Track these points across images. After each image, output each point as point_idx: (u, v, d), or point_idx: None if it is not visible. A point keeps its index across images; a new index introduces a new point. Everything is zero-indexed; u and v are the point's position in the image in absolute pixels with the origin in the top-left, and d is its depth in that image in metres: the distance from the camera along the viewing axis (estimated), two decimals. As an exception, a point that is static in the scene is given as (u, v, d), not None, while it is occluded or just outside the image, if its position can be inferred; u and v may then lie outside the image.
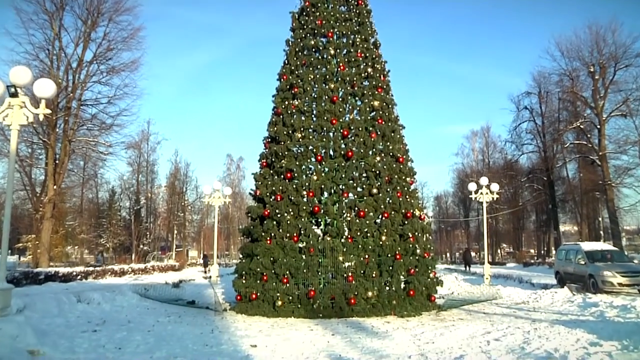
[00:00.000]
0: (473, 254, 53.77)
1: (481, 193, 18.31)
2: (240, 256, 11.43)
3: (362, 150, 10.60)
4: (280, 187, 10.33)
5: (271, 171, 11.04)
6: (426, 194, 63.88)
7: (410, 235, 10.04)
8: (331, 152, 10.73)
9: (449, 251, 64.77)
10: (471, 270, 27.04)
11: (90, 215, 39.19)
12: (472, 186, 18.83)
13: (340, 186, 10.28)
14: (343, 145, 10.63)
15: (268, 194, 10.64)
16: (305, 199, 10.11)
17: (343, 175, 10.32)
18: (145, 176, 42.84)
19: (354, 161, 10.44)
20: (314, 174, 10.30)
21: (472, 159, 53.50)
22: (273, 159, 11.00)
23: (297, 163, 10.49)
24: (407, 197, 10.58)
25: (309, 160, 10.56)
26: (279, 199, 10.24)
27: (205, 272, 29.08)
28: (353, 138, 10.71)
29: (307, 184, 10.12)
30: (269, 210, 10.33)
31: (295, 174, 10.40)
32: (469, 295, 13.19)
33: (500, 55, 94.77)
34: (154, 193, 44.84)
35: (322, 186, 10.18)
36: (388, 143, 10.89)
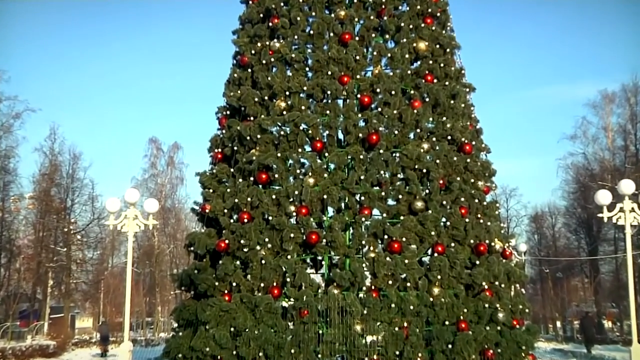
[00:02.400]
0: (607, 323, 53.79)
1: (621, 209, 18.42)
2: (175, 326, 11.63)
3: (396, 132, 10.86)
4: (249, 199, 10.57)
5: (232, 169, 11.29)
6: (515, 211, 64.08)
7: (486, 287, 10.29)
8: (340, 135, 10.99)
9: (559, 317, 64.80)
10: (592, 352, 27.20)
11: None
12: (603, 196, 18.86)
13: (357, 196, 10.52)
14: (362, 123, 10.88)
15: (226, 210, 10.88)
16: (293, 220, 10.34)
17: (362, 177, 10.57)
18: (-6, 179, 43.16)
19: (381, 151, 10.70)
20: (310, 174, 10.55)
21: (603, 145, 53.70)
22: (235, 148, 11.25)
23: (279, 155, 10.74)
24: (479, 215, 10.84)
25: (299, 150, 10.81)
26: (246, 220, 10.49)
27: (104, 355, 29.18)
28: (380, 109, 10.97)
29: (296, 192, 10.36)
30: (227, 241, 10.57)
31: (276, 175, 10.65)
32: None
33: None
34: (10, 210, 45.07)
35: (325, 196, 10.43)
36: (444, 118, 11.15)
